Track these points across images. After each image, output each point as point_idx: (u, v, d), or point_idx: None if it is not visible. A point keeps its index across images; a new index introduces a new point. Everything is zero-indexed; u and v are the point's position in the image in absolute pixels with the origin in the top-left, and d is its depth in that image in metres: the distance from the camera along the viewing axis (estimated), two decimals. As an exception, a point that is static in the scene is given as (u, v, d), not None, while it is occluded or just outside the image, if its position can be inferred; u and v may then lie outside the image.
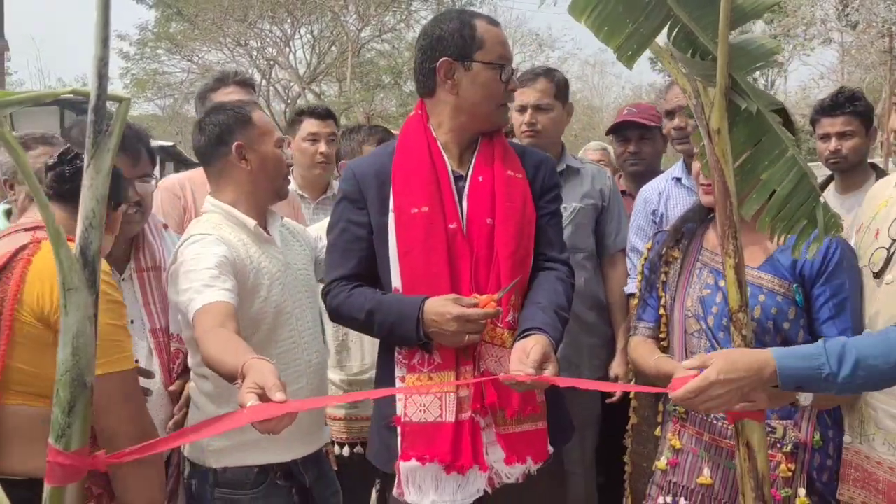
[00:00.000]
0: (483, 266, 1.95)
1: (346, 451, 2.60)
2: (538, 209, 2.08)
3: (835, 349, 1.60)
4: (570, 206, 2.93)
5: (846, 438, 1.91)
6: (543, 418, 1.96)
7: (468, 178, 2.03)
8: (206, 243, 1.97)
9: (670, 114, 3.08)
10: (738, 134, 1.75)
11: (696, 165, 2.10)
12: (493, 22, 2.06)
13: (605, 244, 3.05)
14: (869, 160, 3.40)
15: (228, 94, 2.89)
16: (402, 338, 1.94)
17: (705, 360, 1.62)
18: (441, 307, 1.86)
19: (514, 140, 2.76)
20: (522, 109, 3.01)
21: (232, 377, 1.57)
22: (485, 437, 1.93)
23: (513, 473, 1.93)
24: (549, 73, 3.08)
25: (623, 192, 3.42)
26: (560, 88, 3.05)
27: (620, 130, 3.45)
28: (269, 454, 2.01)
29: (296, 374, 2.07)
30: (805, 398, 1.81)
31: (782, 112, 1.85)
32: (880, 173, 3.28)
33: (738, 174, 1.76)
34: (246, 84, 3.08)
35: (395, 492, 1.96)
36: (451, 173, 2.03)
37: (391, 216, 1.99)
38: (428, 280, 1.94)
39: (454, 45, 2.00)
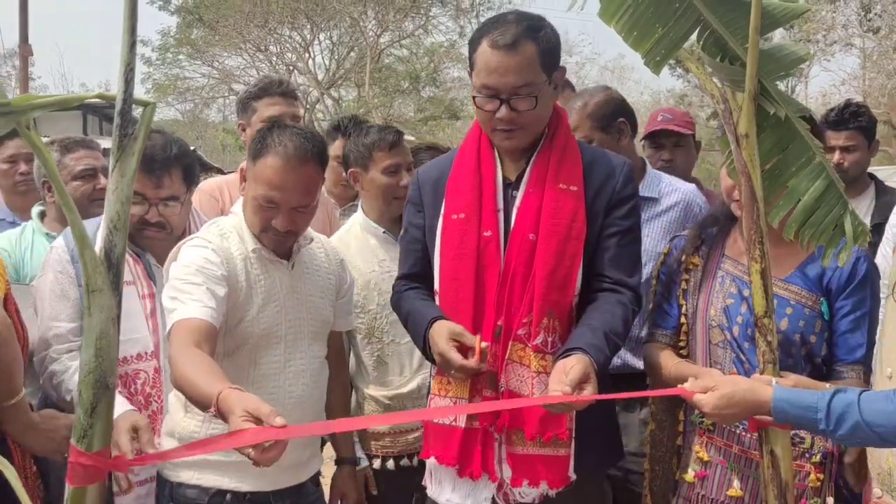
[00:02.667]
0: (519, 282, 1.89)
1: (390, 464, 2.50)
2: (606, 225, 1.95)
3: (838, 408, 1.58)
4: None
5: (876, 491, 1.78)
6: (568, 445, 1.88)
7: (522, 189, 1.96)
8: (204, 253, 1.90)
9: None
10: (765, 140, 1.74)
11: (727, 181, 2.02)
12: (496, 44, 1.85)
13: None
14: (891, 166, 3.40)
15: (272, 105, 2.85)
16: (423, 353, 1.98)
17: (706, 386, 1.71)
18: (436, 336, 1.84)
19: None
20: None
21: (203, 404, 1.53)
22: (500, 452, 1.91)
23: (526, 494, 1.89)
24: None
25: None
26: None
27: (655, 137, 3.37)
28: (231, 480, 1.92)
29: (270, 401, 1.90)
30: None
31: (809, 119, 1.82)
32: (879, 184, 3.33)
33: (766, 180, 1.75)
34: (289, 94, 2.98)
35: (423, 480, 2.03)
36: (498, 181, 1.98)
37: (440, 220, 2.00)
38: (455, 287, 1.93)
39: (469, 56, 1.97)
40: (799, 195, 1.75)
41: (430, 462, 1.97)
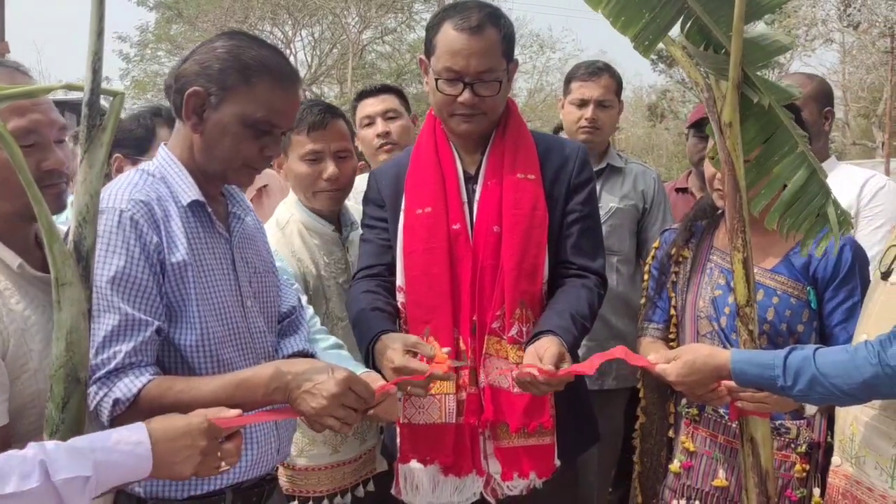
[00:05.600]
0: (489, 276, 1.88)
1: None
2: (567, 212, 1.96)
3: (794, 363, 1.57)
4: (607, 206, 2.81)
5: (835, 459, 1.74)
6: (552, 433, 1.89)
7: (479, 181, 1.95)
8: None
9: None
10: (749, 128, 1.73)
11: (709, 170, 2.03)
12: (462, 26, 1.84)
13: (649, 249, 2.83)
14: (870, 160, 3.36)
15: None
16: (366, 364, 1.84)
17: (669, 357, 1.74)
18: (388, 352, 1.72)
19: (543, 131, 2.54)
20: (583, 104, 2.90)
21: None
22: (485, 447, 1.90)
23: (515, 487, 1.88)
24: (610, 68, 2.98)
25: (685, 190, 3.30)
26: (619, 85, 3.00)
27: (701, 126, 3.10)
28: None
29: None
30: (810, 407, 1.78)
31: (795, 109, 1.82)
32: None
33: (749, 169, 1.74)
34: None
35: (392, 490, 1.96)
36: (459, 173, 1.96)
37: (402, 216, 1.97)
38: (428, 282, 1.90)
39: (426, 44, 1.94)
40: (782, 184, 1.74)
41: (405, 467, 1.92)
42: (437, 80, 1.88)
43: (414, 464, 1.90)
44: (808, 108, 2.61)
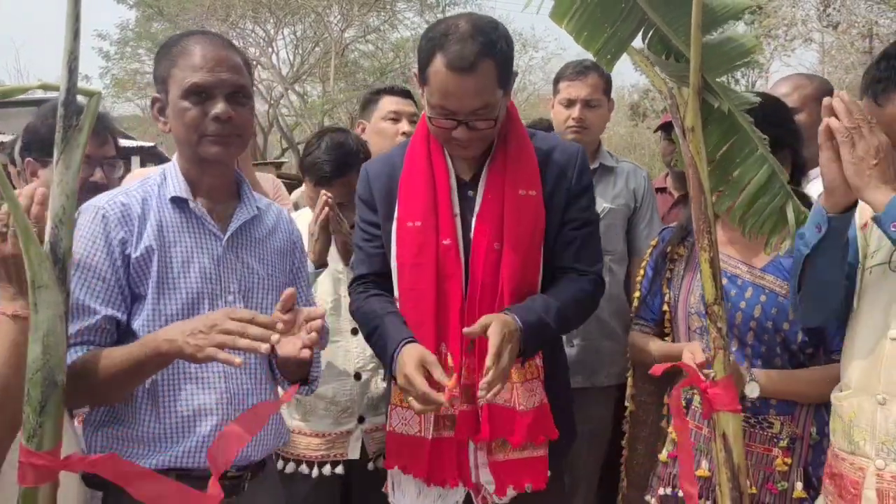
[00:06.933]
0: (488, 294, 1.84)
1: (315, 471, 2.33)
2: (567, 221, 1.91)
3: None
4: (601, 206, 2.82)
5: (879, 463, 1.64)
6: (545, 445, 1.88)
7: (480, 193, 1.89)
8: None
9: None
10: (711, 133, 1.78)
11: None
12: (455, 65, 1.72)
13: (637, 246, 2.93)
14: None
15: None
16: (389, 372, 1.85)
17: None
18: (406, 357, 1.72)
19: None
20: (570, 104, 2.91)
21: None
22: (474, 458, 1.88)
23: (507, 496, 1.88)
24: (597, 67, 2.95)
25: (663, 190, 3.35)
26: (608, 84, 2.99)
27: (669, 128, 3.24)
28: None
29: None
30: (751, 390, 1.82)
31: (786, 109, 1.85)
32: None
33: (713, 171, 1.79)
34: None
35: (383, 488, 2.00)
36: (452, 182, 1.91)
37: (395, 225, 1.92)
38: (415, 297, 1.87)
39: (419, 63, 1.84)
40: (743, 185, 1.80)
41: (392, 471, 1.93)
42: (430, 117, 1.84)
43: (397, 469, 1.93)
44: (808, 108, 2.65)
